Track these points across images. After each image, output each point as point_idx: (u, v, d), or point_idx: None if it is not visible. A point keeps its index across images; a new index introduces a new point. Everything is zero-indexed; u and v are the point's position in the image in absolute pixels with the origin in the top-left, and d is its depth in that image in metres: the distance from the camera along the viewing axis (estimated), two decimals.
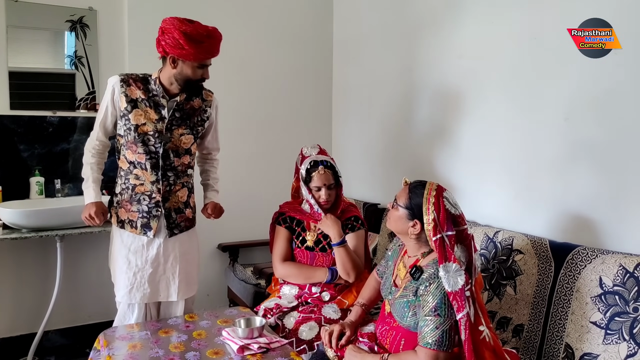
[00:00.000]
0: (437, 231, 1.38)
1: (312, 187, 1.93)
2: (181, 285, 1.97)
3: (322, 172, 1.91)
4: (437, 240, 1.38)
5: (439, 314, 1.34)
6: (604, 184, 1.70)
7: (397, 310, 1.48)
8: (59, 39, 2.67)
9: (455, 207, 1.43)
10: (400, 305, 1.47)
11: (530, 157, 1.95)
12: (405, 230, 1.49)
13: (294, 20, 3.13)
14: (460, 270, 1.33)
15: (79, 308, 2.73)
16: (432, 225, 1.39)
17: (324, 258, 1.97)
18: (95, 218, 1.82)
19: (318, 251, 1.98)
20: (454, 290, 1.32)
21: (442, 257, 1.36)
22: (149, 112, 1.84)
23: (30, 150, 2.56)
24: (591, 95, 1.73)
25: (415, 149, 2.57)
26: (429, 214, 1.40)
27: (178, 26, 1.72)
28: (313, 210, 1.96)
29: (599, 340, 1.49)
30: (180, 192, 1.96)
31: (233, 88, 2.91)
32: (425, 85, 2.49)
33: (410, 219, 1.47)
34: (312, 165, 1.93)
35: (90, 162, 1.89)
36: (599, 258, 1.57)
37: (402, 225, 1.49)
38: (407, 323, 1.45)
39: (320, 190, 1.92)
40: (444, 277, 1.33)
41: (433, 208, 1.40)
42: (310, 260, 1.99)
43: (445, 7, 2.34)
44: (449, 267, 1.34)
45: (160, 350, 1.54)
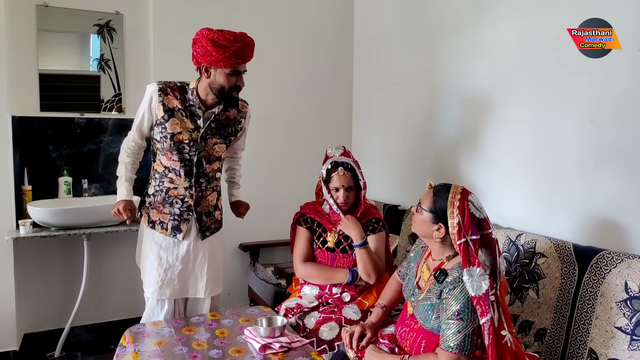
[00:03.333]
0: (461, 235, 1.37)
1: (331, 187, 1.96)
2: (209, 283, 2.01)
3: (341, 174, 1.93)
4: (461, 244, 1.37)
5: (461, 318, 1.34)
6: (630, 187, 1.67)
7: (420, 313, 1.48)
8: (86, 42, 2.74)
9: (481, 210, 1.42)
10: (424, 307, 1.47)
11: (555, 159, 1.93)
12: (430, 234, 1.49)
13: (315, 21, 3.15)
14: (485, 274, 1.33)
15: (104, 305, 2.80)
16: (457, 229, 1.39)
17: (344, 259, 1.99)
18: (123, 213, 1.88)
19: (339, 252, 1.99)
20: (478, 295, 1.31)
21: (467, 261, 1.35)
22: (185, 122, 1.88)
23: (59, 151, 2.64)
24: (616, 96, 1.70)
25: (436, 151, 2.56)
26: (454, 218, 1.40)
27: (206, 34, 1.75)
28: (332, 211, 1.98)
29: (624, 346, 1.47)
30: (211, 197, 2.01)
31: (255, 89, 2.92)
32: (446, 86, 2.47)
33: (434, 222, 1.46)
34: (333, 166, 1.95)
35: (125, 161, 1.95)
36: (624, 262, 1.54)
37: (427, 229, 1.49)
38: (430, 325, 1.44)
39: (338, 191, 1.94)
40: (468, 281, 1.32)
41: (458, 212, 1.39)
42: (331, 261, 2.00)
43: (467, 8, 2.33)
44: (473, 272, 1.33)
45: (184, 348, 1.58)
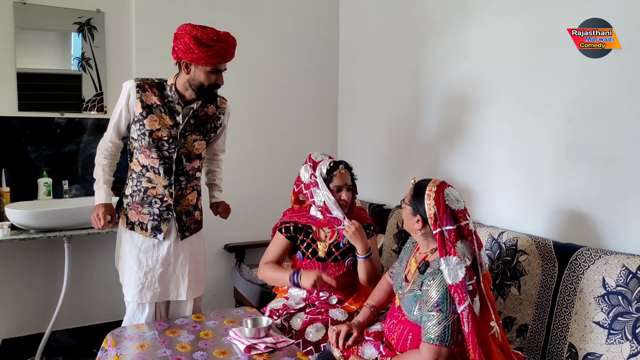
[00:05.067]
0: (437, 225, 1.42)
1: (332, 187, 1.89)
2: (190, 285, 1.99)
3: (342, 172, 1.91)
4: (437, 234, 1.41)
5: (440, 310, 1.36)
6: (607, 185, 1.71)
7: (405, 304, 1.51)
8: (67, 40, 2.69)
9: (458, 202, 1.45)
10: (408, 299, 1.50)
11: (534, 158, 1.97)
12: (411, 227, 1.53)
13: (299, 21, 3.14)
14: (461, 263, 1.36)
15: (86, 308, 2.75)
16: (433, 220, 1.43)
17: (336, 268, 1.93)
18: (102, 219, 1.84)
19: (330, 262, 1.94)
20: (455, 283, 1.34)
21: (443, 250, 1.39)
22: (164, 118, 1.86)
23: (38, 152, 2.59)
24: (594, 96, 1.74)
25: (420, 150, 2.59)
26: (430, 209, 1.44)
27: (189, 31, 1.73)
28: (329, 213, 1.89)
29: (602, 340, 1.50)
30: (191, 196, 1.98)
31: (239, 89, 2.93)
32: (431, 87, 2.50)
33: (414, 215, 1.50)
34: (333, 165, 1.92)
35: (102, 163, 1.91)
36: (602, 259, 1.58)
37: (409, 222, 1.54)
38: (414, 317, 1.47)
39: (340, 190, 1.90)
40: (445, 269, 1.36)
41: (433, 203, 1.43)
42: (322, 271, 1.90)
43: (450, 10, 2.35)
44: (449, 261, 1.37)
45: (167, 350, 1.56)
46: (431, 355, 1.35)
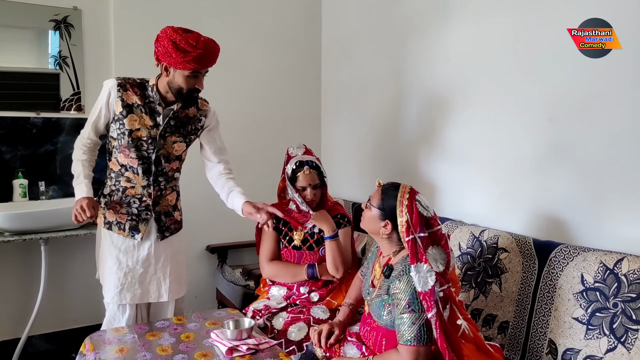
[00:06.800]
0: (409, 232, 1.41)
1: (297, 186, 1.96)
2: (172, 286, 1.96)
3: (307, 172, 1.94)
4: (409, 241, 1.41)
5: (413, 310, 1.36)
6: (585, 184, 1.74)
7: (374, 310, 1.52)
8: (43, 38, 2.63)
9: (427, 209, 1.46)
10: (377, 304, 1.50)
11: (515, 157, 1.99)
12: (377, 230, 1.53)
13: (282, 20, 3.13)
14: (432, 271, 1.36)
15: (64, 312, 2.69)
16: (405, 227, 1.42)
17: (311, 256, 2.00)
18: (87, 210, 1.74)
19: (305, 250, 2.00)
20: (424, 291, 1.34)
21: (414, 257, 1.38)
22: (144, 118, 1.83)
23: (13, 152, 2.52)
24: (573, 96, 1.77)
25: (403, 150, 2.60)
26: (403, 216, 1.44)
27: (169, 34, 1.70)
28: (301, 209, 1.98)
29: (581, 335, 1.53)
30: (170, 196, 1.96)
31: (221, 88, 2.90)
32: (413, 86, 2.51)
33: (382, 219, 1.50)
34: (298, 165, 1.96)
35: (81, 158, 1.86)
36: (580, 255, 1.60)
37: (375, 225, 1.53)
38: (384, 322, 1.47)
39: (305, 190, 1.95)
40: (415, 277, 1.36)
41: (406, 210, 1.43)
42: (298, 259, 2.00)
43: (432, 10, 2.37)
44: (420, 268, 1.36)
45: (147, 354, 1.53)
46: (411, 356, 1.35)
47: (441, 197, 2.32)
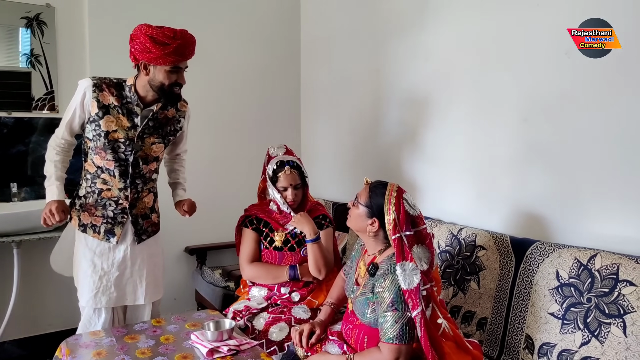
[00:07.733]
0: (396, 230, 1.43)
1: (278, 187, 1.95)
2: (148, 289, 1.93)
3: (288, 173, 1.93)
4: (395, 239, 1.42)
5: (396, 309, 1.37)
6: (560, 183, 1.78)
7: (358, 308, 1.52)
8: (14, 36, 2.55)
9: (414, 208, 1.48)
10: (361, 302, 1.50)
11: (491, 156, 2.03)
12: (363, 228, 1.53)
13: (261, 19, 3.11)
14: (417, 269, 1.37)
15: (38, 316, 2.62)
16: (392, 225, 1.44)
17: (292, 257, 1.98)
18: (56, 214, 1.73)
19: (287, 251, 1.99)
20: (409, 289, 1.36)
21: (400, 255, 1.40)
22: (121, 120, 1.79)
23: None
24: (547, 96, 1.81)
25: (382, 149, 2.62)
26: (390, 214, 1.45)
27: (145, 30, 1.68)
28: (281, 210, 1.97)
29: (557, 330, 1.56)
30: (147, 198, 1.93)
31: (199, 88, 2.87)
32: (392, 87, 2.53)
33: (369, 217, 1.51)
34: (279, 165, 1.94)
35: (54, 159, 1.82)
36: (555, 252, 1.64)
37: (361, 223, 1.53)
38: (367, 320, 1.48)
39: (286, 190, 1.94)
40: (401, 275, 1.37)
41: (394, 209, 1.44)
42: (279, 260, 1.99)
43: (411, 11, 2.39)
44: (405, 266, 1.38)
45: (126, 357, 1.50)
46: (392, 354, 1.36)
47: (420, 196, 2.35)
